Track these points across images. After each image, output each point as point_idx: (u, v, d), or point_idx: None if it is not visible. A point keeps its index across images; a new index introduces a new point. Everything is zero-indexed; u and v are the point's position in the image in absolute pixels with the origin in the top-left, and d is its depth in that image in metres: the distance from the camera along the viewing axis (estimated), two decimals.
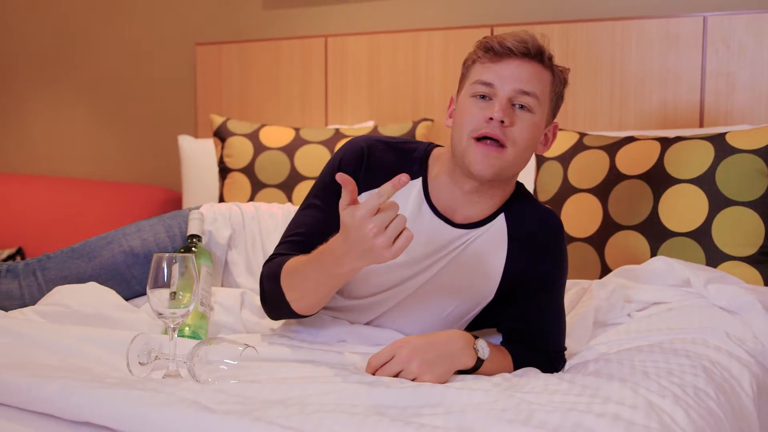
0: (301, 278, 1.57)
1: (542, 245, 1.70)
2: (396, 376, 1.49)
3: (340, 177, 1.40)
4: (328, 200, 1.70)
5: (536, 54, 1.62)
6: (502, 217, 1.70)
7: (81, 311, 1.78)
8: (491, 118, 1.58)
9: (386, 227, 1.36)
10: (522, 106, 1.61)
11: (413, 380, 1.48)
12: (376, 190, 1.37)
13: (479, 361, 1.56)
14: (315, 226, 1.69)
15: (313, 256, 1.53)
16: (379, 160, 1.70)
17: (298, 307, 1.61)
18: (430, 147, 1.75)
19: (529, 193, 1.77)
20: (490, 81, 1.61)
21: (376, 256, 1.38)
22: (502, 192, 1.69)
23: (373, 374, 1.50)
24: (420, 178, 1.70)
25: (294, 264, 1.59)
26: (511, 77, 1.60)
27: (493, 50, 1.62)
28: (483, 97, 1.62)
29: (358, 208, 1.37)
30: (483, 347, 1.57)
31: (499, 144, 1.59)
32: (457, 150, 1.64)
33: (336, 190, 1.70)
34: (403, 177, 1.36)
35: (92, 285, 1.90)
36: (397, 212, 1.37)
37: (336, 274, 1.49)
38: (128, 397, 1.22)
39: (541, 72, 1.62)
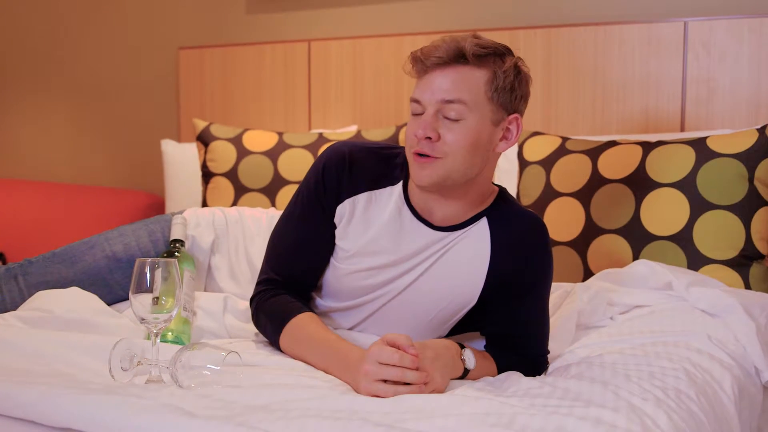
0: (302, 347, 1.63)
1: (526, 249, 1.70)
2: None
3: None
4: (311, 206, 1.71)
5: (455, 57, 1.58)
6: (484, 220, 1.70)
7: (63, 316, 1.77)
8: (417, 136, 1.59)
9: (382, 365, 1.43)
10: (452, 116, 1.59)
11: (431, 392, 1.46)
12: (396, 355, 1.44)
13: (465, 372, 1.57)
14: (295, 247, 1.73)
15: (323, 342, 1.59)
16: (361, 165, 1.71)
17: (284, 350, 1.68)
18: None
19: (512, 197, 1.77)
20: (417, 98, 1.61)
21: (355, 376, 1.47)
22: (474, 193, 1.68)
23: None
24: (401, 182, 1.71)
25: (301, 332, 1.64)
26: (432, 90, 1.58)
27: (416, 65, 1.62)
28: (420, 114, 1.61)
29: (385, 350, 1.44)
30: (470, 357, 1.57)
31: (432, 158, 1.59)
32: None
33: (319, 197, 1.71)
34: None
35: (74, 290, 1.89)
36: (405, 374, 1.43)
37: (335, 361, 1.56)
38: (110, 402, 1.21)
39: (467, 73, 1.58)
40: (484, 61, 1.59)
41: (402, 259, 1.68)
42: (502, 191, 1.75)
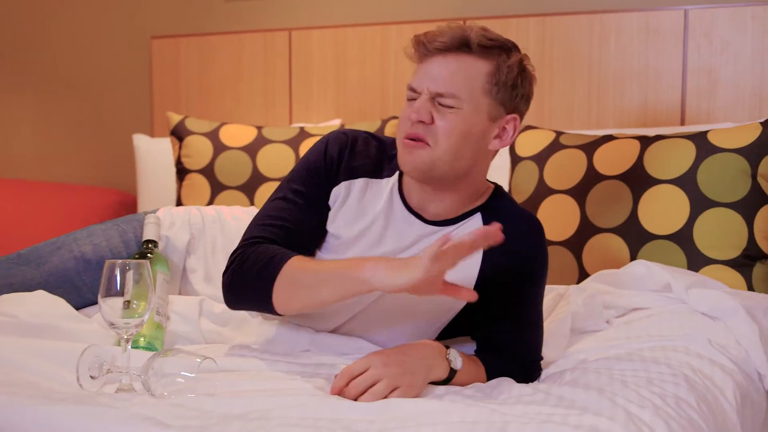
0: (304, 288, 1.56)
1: (520, 248, 1.70)
2: (370, 387, 1.46)
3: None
4: (312, 184, 1.72)
5: (460, 45, 1.62)
6: (478, 216, 1.72)
7: (28, 321, 1.76)
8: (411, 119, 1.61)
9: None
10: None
11: (390, 392, 1.46)
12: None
13: (452, 372, 1.57)
14: (298, 215, 1.69)
15: (328, 270, 1.55)
16: (361, 151, 1.74)
17: (279, 303, 1.58)
18: None
19: (508, 195, 1.79)
20: (413, 87, 1.65)
21: (410, 265, 1.45)
22: (468, 189, 1.70)
23: (345, 386, 1.47)
24: (396, 174, 1.72)
25: (301, 262, 1.58)
26: (429, 77, 1.62)
27: (418, 49, 1.65)
28: (414, 99, 1.65)
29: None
30: (455, 357, 1.58)
31: (422, 142, 1.62)
32: None
33: (318, 173, 1.70)
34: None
35: (40, 293, 1.88)
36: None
37: (350, 277, 1.50)
38: (78, 412, 1.21)
39: (467, 63, 1.62)
40: (489, 53, 1.63)
41: (391, 253, 1.69)
42: (498, 188, 1.77)
